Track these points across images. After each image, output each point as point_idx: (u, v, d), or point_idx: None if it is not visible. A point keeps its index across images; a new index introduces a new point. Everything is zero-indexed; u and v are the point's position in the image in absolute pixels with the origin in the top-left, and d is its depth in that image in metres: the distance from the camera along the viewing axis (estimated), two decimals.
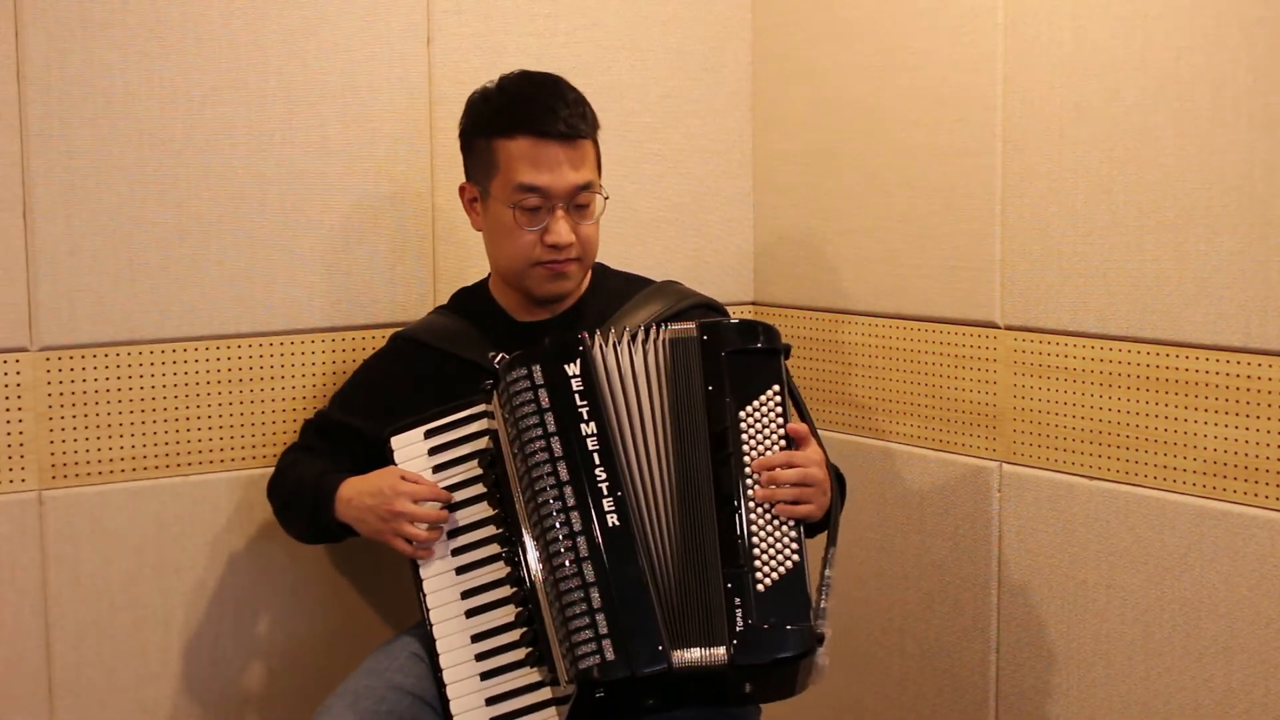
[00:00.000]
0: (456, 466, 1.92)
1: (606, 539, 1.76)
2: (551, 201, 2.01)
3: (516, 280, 2.08)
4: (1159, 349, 2.09)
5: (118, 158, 2.18)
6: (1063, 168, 2.19)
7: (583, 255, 2.06)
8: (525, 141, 2.01)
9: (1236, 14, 1.96)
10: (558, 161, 2.00)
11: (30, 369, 2.14)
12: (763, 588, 1.76)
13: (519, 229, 2.02)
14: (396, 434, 1.95)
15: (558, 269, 2.04)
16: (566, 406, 1.81)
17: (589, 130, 2.06)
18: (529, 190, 2.01)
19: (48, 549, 2.18)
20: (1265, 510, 1.98)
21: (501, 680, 1.84)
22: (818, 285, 2.63)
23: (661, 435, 1.85)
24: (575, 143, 2.03)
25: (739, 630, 1.73)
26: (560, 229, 2.01)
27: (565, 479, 1.78)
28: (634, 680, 1.71)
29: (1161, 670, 2.12)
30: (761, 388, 1.86)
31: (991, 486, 2.34)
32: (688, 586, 1.78)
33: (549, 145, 2.01)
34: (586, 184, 2.03)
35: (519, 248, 2.04)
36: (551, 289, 2.07)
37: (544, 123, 2.01)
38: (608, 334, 1.88)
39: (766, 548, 1.79)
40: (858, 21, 2.51)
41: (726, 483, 1.81)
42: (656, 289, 2.19)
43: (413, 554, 1.90)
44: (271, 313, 2.31)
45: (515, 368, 1.84)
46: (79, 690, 2.21)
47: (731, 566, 1.77)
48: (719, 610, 1.75)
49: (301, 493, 2.07)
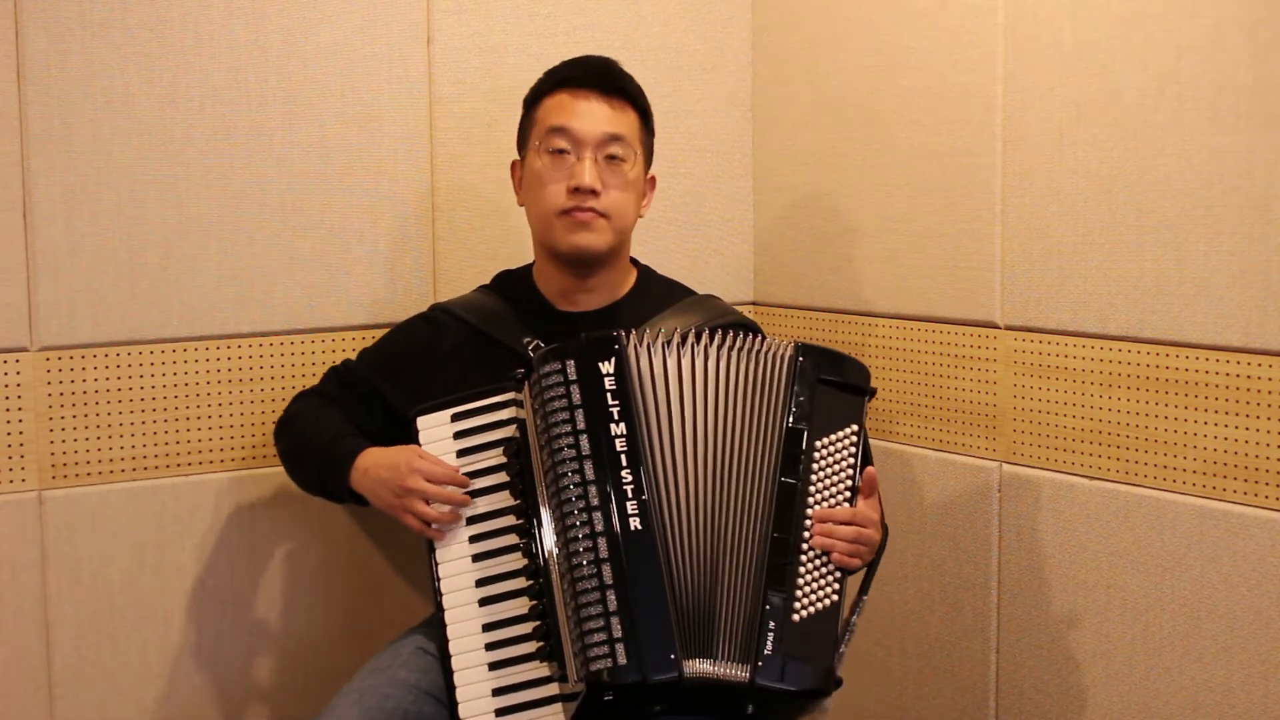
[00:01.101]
0: (481, 452, 1.90)
1: (627, 542, 1.75)
2: (580, 149, 2.01)
3: (546, 237, 2.06)
4: (1159, 349, 2.09)
5: (118, 158, 2.18)
6: (1063, 168, 2.19)
7: (610, 213, 2.03)
8: (563, 94, 2.04)
9: (1236, 14, 1.96)
10: (591, 108, 2.02)
11: (30, 369, 2.14)
12: (798, 618, 1.76)
13: (547, 174, 2.02)
14: (423, 414, 1.93)
15: (581, 217, 2.02)
16: (598, 405, 1.80)
17: (633, 95, 2.07)
18: (557, 131, 2.01)
19: (48, 549, 2.18)
20: (1265, 510, 1.98)
21: (510, 672, 1.84)
22: (818, 285, 2.63)
23: (697, 442, 1.83)
24: (614, 100, 2.04)
25: (767, 653, 1.73)
26: (584, 172, 2.00)
27: (590, 478, 1.77)
28: (644, 686, 1.70)
29: (1161, 670, 2.12)
30: (841, 424, 1.86)
31: (991, 486, 2.34)
32: (713, 595, 1.77)
33: (585, 95, 2.03)
34: (618, 135, 2.03)
35: (546, 196, 2.03)
36: (576, 240, 2.03)
37: (583, 78, 2.04)
38: (643, 335, 1.86)
39: (810, 580, 1.79)
40: (858, 21, 2.51)
41: (787, 508, 1.80)
42: (697, 300, 2.18)
43: (422, 530, 1.89)
44: (271, 313, 2.31)
45: (550, 361, 1.82)
46: (79, 690, 2.21)
47: (776, 590, 1.76)
48: (752, 628, 1.75)
49: (313, 448, 2.05)
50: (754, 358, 1.87)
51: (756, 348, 1.87)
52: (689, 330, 1.89)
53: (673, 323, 2.06)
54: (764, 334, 2.09)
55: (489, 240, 2.47)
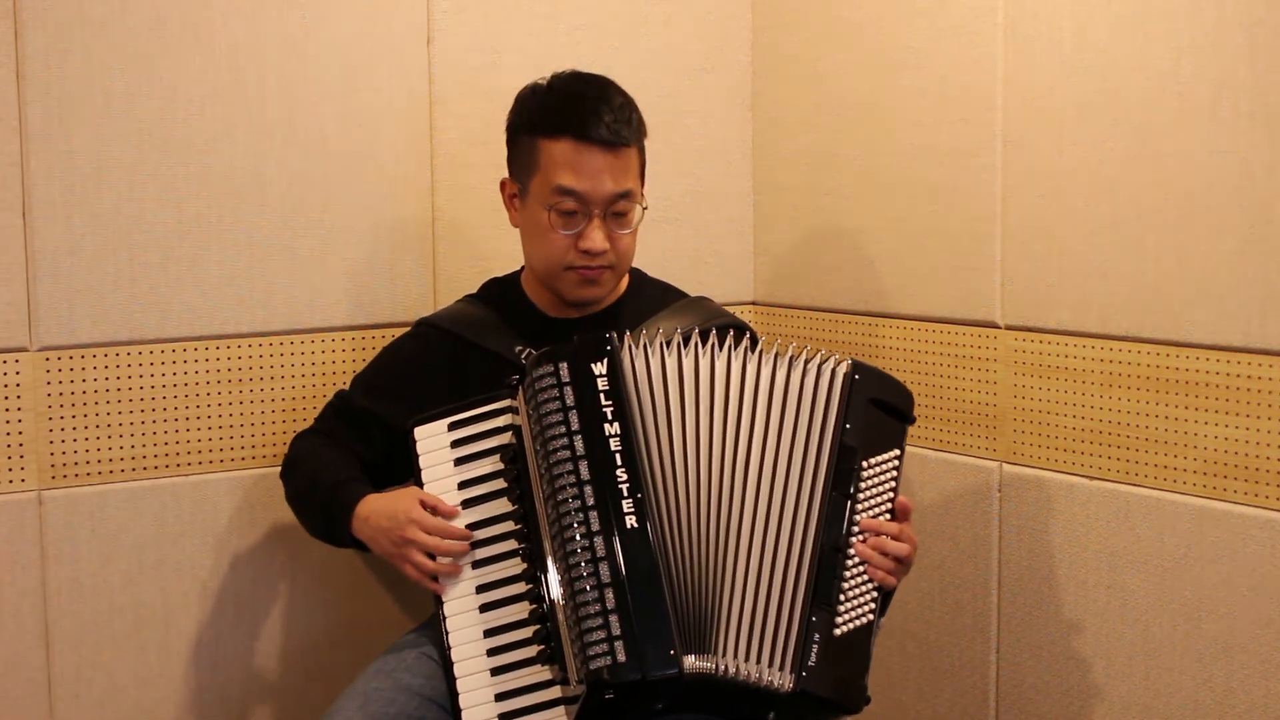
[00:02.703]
0: (479, 460, 1.90)
1: (624, 541, 1.74)
2: (589, 208, 2.00)
3: (549, 281, 2.07)
4: (1159, 349, 2.09)
5: (118, 158, 2.18)
6: (1063, 168, 2.19)
7: (616, 264, 2.05)
8: (567, 144, 2.00)
9: (1236, 14, 1.96)
10: (598, 168, 1.99)
11: (30, 369, 2.14)
12: (839, 633, 1.78)
13: (554, 231, 2.01)
14: (420, 424, 1.93)
15: (589, 275, 2.03)
16: (591, 406, 1.80)
17: (633, 137, 2.03)
18: (566, 194, 1.99)
19: (48, 549, 2.18)
20: (1265, 510, 1.98)
21: (512, 677, 1.84)
22: (818, 285, 2.63)
23: (700, 442, 1.83)
24: (618, 150, 2.01)
25: (811, 664, 1.74)
26: (595, 236, 2.00)
27: (586, 478, 1.77)
28: (644, 684, 1.70)
29: (1161, 670, 2.12)
30: (885, 447, 1.87)
31: (991, 486, 2.34)
32: (720, 594, 1.78)
33: (591, 150, 1.99)
34: (625, 193, 2.02)
35: (553, 250, 2.03)
36: (582, 294, 2.06)
37: (588, 127, 1.99)
38: (638, 337, 1.87)
39: (853, 596, 1.81)
40: (858, 21, 2.51)
41: (836, 522, 1.81)
42: (690, 303, 2.18)
43: (419, 580, 1.89)
44: (271, 313, 2.31)
45: (542, 364, 1.82)
46: (79, 690, 2.21)
47: (823, 602, 1.78)
48: (795, 636, 1.76)
49: (318, 493, 2.05)
50: (804, 368, 1.87)
51: (807, 358, 1.88)
52: (690, 331, 1.89)
53: (668, 324, 2.07)
54: (757, 336, 2.09)
55: (489, 240, 2.47)
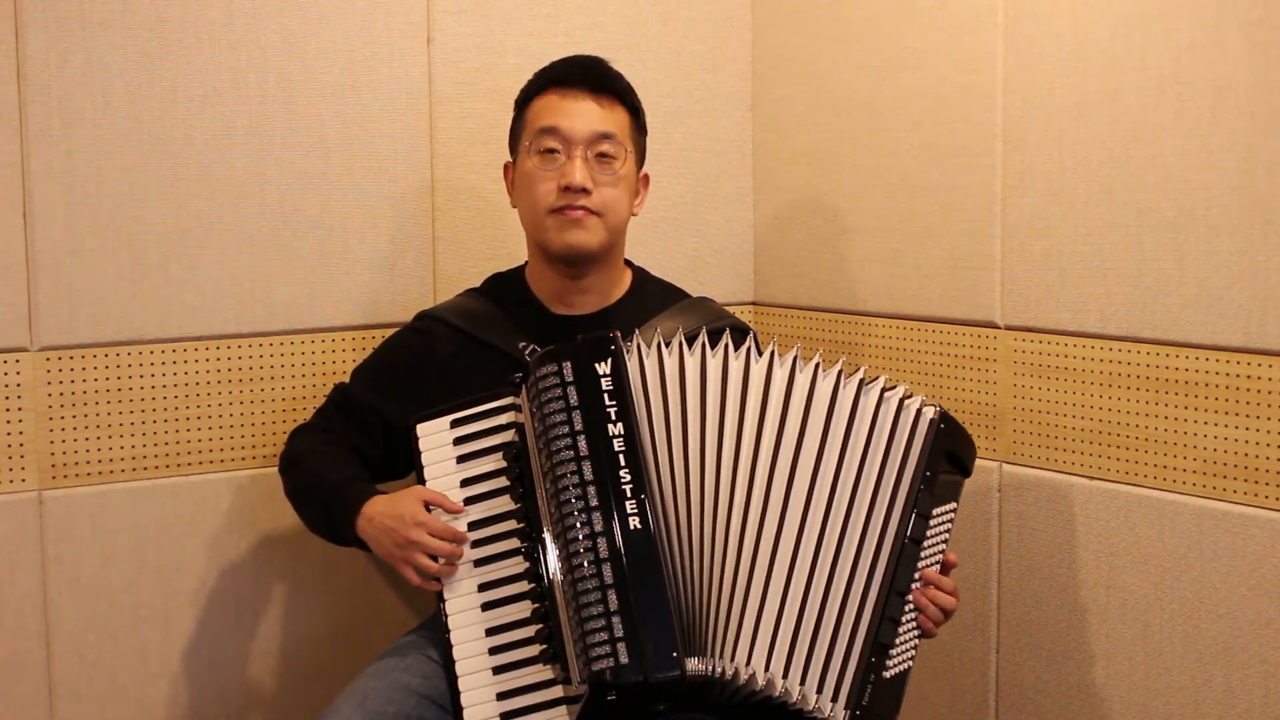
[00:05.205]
0: (481, 458, 1.90)
1: (627, 541, 1.74)
2: (570, 148, 2.01)
3: (537, 234, 2.06)
4: (1159, 349, 2.09)
5: (118, 158, 2.18)
6: (1063, 168, 2.19)
7: (602, 211, 2.03)
8: (552, 94, 2.05)
9: (1236, 14, 1.96)
10: (580, 109, 2.02)
11: (30, 369, 2.14)
12: (888, 675, 1.82)
13: (537, 173, 2.03)
14: (422, 421, 1.93)
15: (573, 215, 2.01)
16: (595, 405, 1.79)
17: (620, 93, 2.07)
18: (547, 131, 2.02)
19: (48, 549, 2.18)
20: (1265, 510, 1.98)
21: (514, 676, 1.83)
22: (818, 285, 2.63)
23: (706, 444, 1.82)
24: (603, 97, 2.04)
25: (864, 704, 1.79)
26: (574, 171, 2.01)
27: (589, 478, 1.76)
28: (646, 685, 1.70)
29: (1161, 670, 2.12)
30: (948, 499, 1.92)
31: (991, 486, 2.34)
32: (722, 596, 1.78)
33: (575, 93, 2.03)
34: (608, 134, 2.03)
35: (537, 196, 2.03)
36: (567, 239, 2.03)
37: (571, 77, 2.04)
38: (650, 336, 1.86)
39: (903, 643, 1.85)
40: (858, 21, 2.51)
41: (906, 570, 1.85)
42: (692, 303, 2.18)
43: (420, 584, 1.88)
44: (271, 313, 2.31)
45: (546, 363, 1.82)
46: (79, 690, 2.21)
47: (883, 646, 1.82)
48: (854, 675, 1.80)
49: (320, 490, 2.03)
50: (880, 396, 1.87)
51: (886, 386, 1.88)
52: (694, 332, 1.89)
53: (669, 325, 2.06)
54: (758, 339, 2.09)
55: (489, 240, 2.47)
